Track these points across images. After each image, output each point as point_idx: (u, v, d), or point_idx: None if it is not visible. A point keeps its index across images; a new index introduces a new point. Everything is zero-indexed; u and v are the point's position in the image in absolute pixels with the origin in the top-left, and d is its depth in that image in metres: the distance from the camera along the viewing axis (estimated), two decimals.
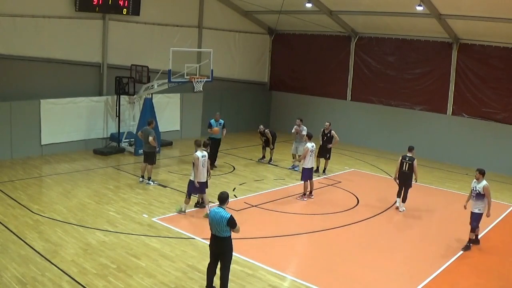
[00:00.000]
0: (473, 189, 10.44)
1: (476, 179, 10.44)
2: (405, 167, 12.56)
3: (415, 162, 12.51)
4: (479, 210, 10.31)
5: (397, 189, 12.91)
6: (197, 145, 11.59)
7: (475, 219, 10.38)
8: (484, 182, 10.29)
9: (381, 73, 20.79)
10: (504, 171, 17.40)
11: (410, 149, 12.74)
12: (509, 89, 17.49)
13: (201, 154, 11.41)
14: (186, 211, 11.77)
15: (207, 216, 10.65)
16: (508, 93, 17.54)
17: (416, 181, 12.80)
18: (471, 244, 10.49)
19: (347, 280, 8.89)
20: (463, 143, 18.63)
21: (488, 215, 10.37)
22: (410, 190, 12.74)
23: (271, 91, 24.70)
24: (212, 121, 16.26)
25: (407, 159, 12.55)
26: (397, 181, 12.82)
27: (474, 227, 10.43)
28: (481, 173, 10.40)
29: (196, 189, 11.57)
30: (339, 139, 16.40)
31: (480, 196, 10.28)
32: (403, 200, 12.79)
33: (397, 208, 12.89)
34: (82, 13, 17.27)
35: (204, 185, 11.60)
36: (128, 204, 12.23)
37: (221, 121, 16.33)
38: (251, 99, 23.46)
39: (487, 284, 8.99)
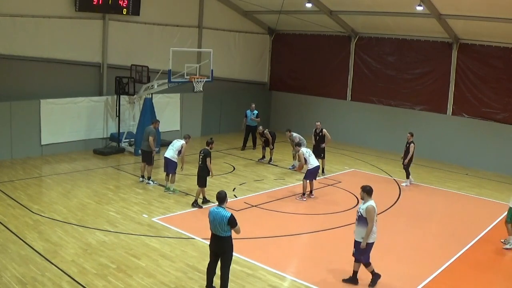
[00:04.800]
0: (357, 211, 8.27)
1: (362, 199, 8.24)
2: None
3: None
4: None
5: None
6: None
7: (366, 250, 8.10)
8: (369, 203, 8.04)
9: (381, 73, 20.77)
10: (504, 171, 17.40)
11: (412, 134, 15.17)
12: (509, 89, 17.48)
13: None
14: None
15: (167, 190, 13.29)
16: (508, 93, 17.52)
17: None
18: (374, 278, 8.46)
19: None
20: (463, 143, 18.62)
21: (362, 247, 8.04)
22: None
23: (271, 91, 24.68)
24: (248, 111, 19.17)
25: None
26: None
27: (366, 262, 8.23)
28: (365, 191, 8.13)
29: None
30: (336, 139, 16.61)
31: (363, 220, 8.02)
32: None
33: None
34: (82, 13, 17.26)
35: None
36: (128, 204, 12.23)
37: (255, 111, 19.07)
38: (251, 99, 23.36)
39: (487, 284, 8.98)
